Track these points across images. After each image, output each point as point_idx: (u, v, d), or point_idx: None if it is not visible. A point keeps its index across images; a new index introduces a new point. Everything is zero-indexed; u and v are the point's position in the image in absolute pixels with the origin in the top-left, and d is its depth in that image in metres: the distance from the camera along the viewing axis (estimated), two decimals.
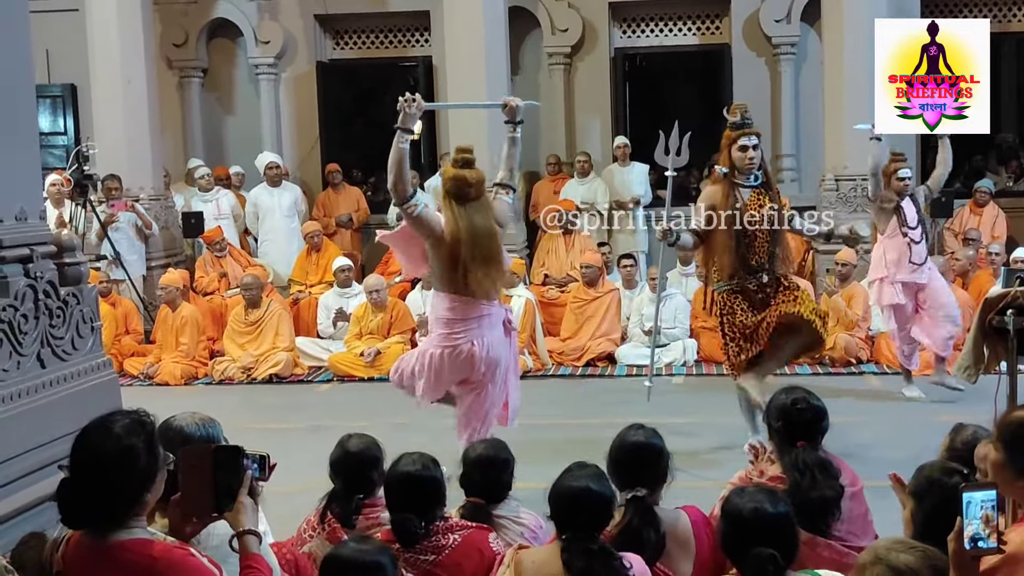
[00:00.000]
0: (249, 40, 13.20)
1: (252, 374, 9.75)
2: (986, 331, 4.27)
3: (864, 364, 9.48)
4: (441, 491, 3.66)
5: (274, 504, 3.07)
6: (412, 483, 3.62)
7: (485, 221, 5.54)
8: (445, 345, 5.65)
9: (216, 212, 11.95)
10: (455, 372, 5.72)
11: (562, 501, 3.33)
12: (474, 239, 5.47)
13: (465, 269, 5.49)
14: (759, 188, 6.52)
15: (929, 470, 3.32)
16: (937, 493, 3.17)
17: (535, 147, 12.97)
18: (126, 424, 2.64)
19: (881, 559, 2.62)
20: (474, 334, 5.58)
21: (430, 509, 3.60)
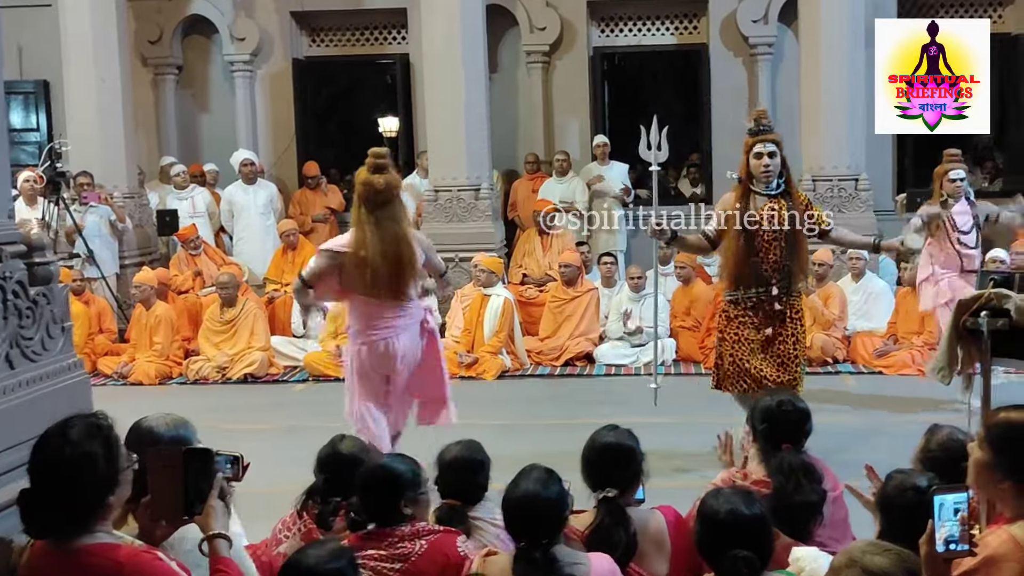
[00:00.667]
0: (224, 37, 13.10)
1: (227, 374, 9.67)
2: (960, 333, 4.27)
3: (840, 364, 9.50)
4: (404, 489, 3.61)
5: (248, 505, 3.03)
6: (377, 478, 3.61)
7: (393, 226, 5.62)
8: (362, 342, 5.77)
9: (191, 210, 11.86)
10: (377, 368, 5.79)
11: (511, 509, 3.33)
12: (382, 243, 5.57)
13: (372, 272, 5.58)
14: (777, 196, 6.31)
15: (897, 480, 3.34)
16: (902, 502, 3.19)
17: (513, 146, 12.96)
18: (83, 429, 2.60)
19: (856, 562, 2.61)
20: (388, 333, 5.70)
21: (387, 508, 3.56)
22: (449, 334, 10.17)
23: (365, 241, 5.60)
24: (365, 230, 5.61)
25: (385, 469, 3.62)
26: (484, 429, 6.79)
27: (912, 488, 3.27)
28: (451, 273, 10.80)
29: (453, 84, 10.91)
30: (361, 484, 3.64)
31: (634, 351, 9.83)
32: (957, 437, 3.90)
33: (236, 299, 10.00)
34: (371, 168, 5.67)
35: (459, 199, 11.08)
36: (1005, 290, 4.05)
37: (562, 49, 12.85)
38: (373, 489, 3.58)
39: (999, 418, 2.92)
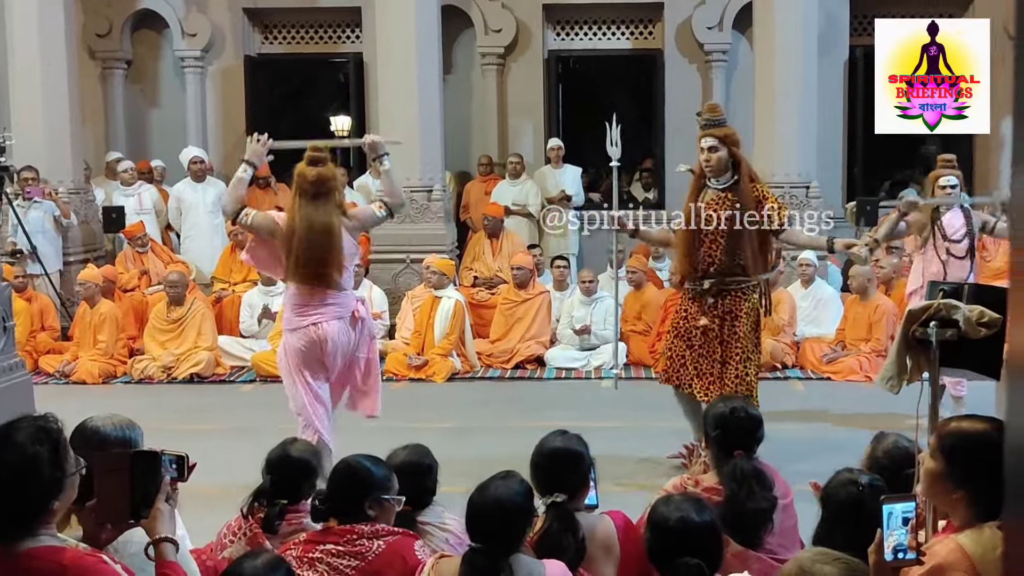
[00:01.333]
0: (175, 32, 12.94)
1: (172, 373, 9.53)
2: (909, 342, 4.29)
3: (789, 369, 9.57)
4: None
5: (193, 508, 2.98)
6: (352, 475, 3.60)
7: (324, 217, 5.80)
8: (290, 328, 5.96)
9: (138, 207, 11.68)
10: (309, 353, 5.91)
11: (478, 511, 3.32)
12: (308, 232, 5.76)
13: (297, 259, 5.80)
14: (726, 191, 6.30)
15: (843, 476, 3.37)
16: (833, 504, 3.21)
17: (467, 147, 12.92)
18: (30, 432, 2.55)
19: (805, 571, 2.62)
20: (315, 319, 5.87)
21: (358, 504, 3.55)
22: (399, 335, 10.12)
23: (293, 227, 5.81)
24: (295, 217, 5.82)
25: (358, 466, 3.59)
26: (433, 432, 6.78)
27: (854, 483, 3.29)
28: (402, 275, 10.79)
29: (407, 84, 10.85)
30: (333, 476, 3.65)
31: (584, 354, 9.83)
32: (902, 444, 3.94)
33: (184, 298, 9.86)
34: (308, 160, 5.89)
35: (411, 200, 11.01)
36: (954, 301, 4.06)
37: (517, 51, 12.85)
38: (342, 483, 3.57)
39: (951, 428, 2.93)
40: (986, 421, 2.94)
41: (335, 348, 5.90)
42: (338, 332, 5.89)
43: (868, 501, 3.26)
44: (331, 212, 5.84)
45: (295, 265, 5.83)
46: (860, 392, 8.55)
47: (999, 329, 4.15)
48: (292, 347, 5.93)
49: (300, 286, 5.89)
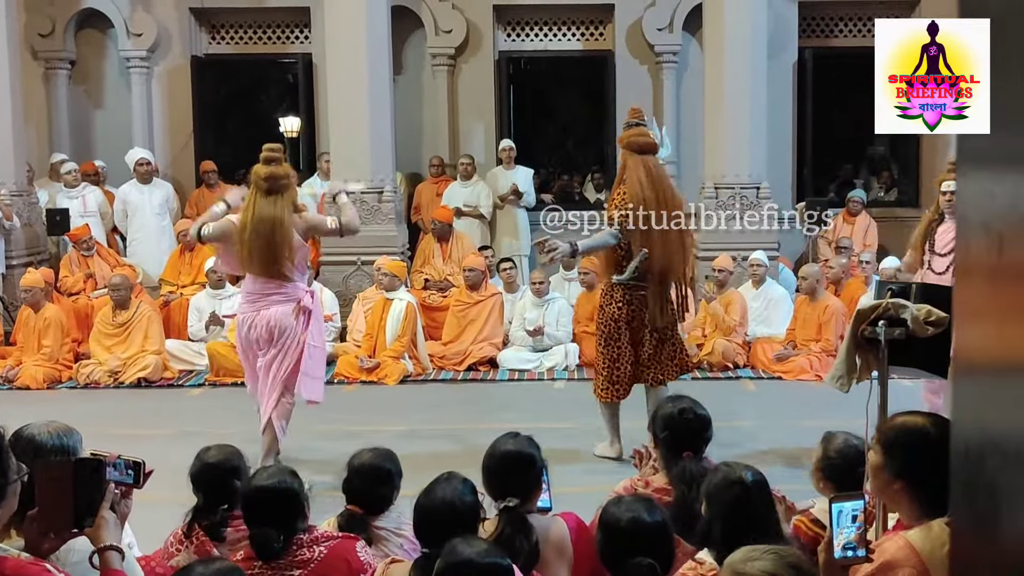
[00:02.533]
0: (120, 32, 12.74)
1: (119, 378, 9.38)
2: (859, 341, 4.33)
3: (741, 369, 9.62)
4: (300, 503, 3.53)
5: (140, 513, 2.92)
6: (269, 497, 3.51)
7: (273, 211, 6.22)
8: (240, 314, 6.50)
9: (82, 209, 11.49)
10: (252, 338, 6.38)
11: (424, 515, 3.32)
12: (256, 225, 6.20)
13: (248, 251, 6.27)
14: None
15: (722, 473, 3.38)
16: (727, 498, 3.22)
17: (418, 148, 12.87)
18: None
19: (738, 572, 2.60)
20: (261, 305, 6.33)
21: (289, 522, 3.47)
22: (350, 338, 10.05)
23: (246, 222, 6.26)
24: (248, 212, 6.27)
25: (279, 488, 3.52)
26: (385, 434, 6.73)
27: (737, 482, 3.29)
28: (352, 277, 10.72)
29: (357, 85, 10.79)
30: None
31: (537, 356, 9.82)
32: (852, 443, 3.98)
33: (129, 301, 9.71)
34: (263, 160, 6.32)
35: (362, 201, 10.95)
36: (902, 300, 4.10)
37: (468, 52, 12.81)
38: (272, 508, 3.49)
39: (892, 422, 3.00)
40: (925, 416, 2.99)
41: (273, 331, 6.31)
42: (278, 315, 6.30)
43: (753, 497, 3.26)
44: (282, 208, 6.23)
45: (247, 256, 6.29)
46: (810, 391, 8.62)
47: (946, 328, 4.21)
48: (237, 334, 6.52)
49: (252, 277, 6.35)
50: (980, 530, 1.39)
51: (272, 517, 3.46)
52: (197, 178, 12.60)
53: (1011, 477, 1.27)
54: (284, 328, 6.31)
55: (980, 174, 1.44)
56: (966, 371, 1.45)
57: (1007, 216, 1.31)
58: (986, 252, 1.36)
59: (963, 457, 1.44)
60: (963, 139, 1.49)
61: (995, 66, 1.41)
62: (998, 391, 1.34)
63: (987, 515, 1.35)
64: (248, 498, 3.56)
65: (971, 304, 1.46)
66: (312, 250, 11.09)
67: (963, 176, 1.57)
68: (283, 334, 6.32)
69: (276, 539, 3.41)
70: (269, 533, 3.42)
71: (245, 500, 3.57)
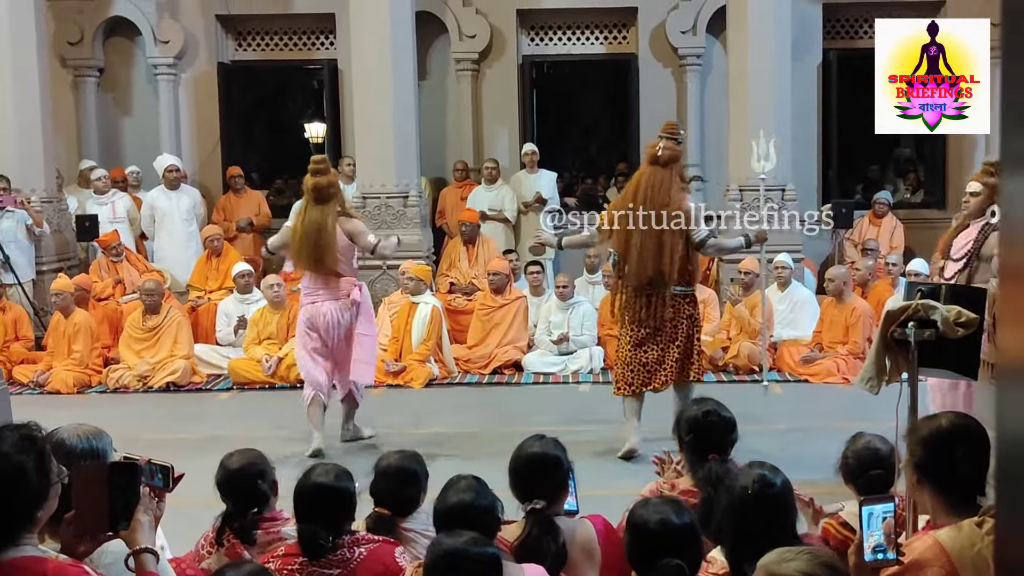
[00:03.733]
0: (148, 39, 12.85)
1: (148, 382, 9.46)
2: (888, 343, 4.31)
3: (766, 372, 9.57)
4: (351, 504, 3.56)
5: (170, 517, 2.95)
6: (323, 494, 3.53)
7: (319, 218, 7.13)
8: (302, 306, 7.41)
9: (111, 215, 11.58)
10: (308, 324, 7.27)
11: (442, 520, 3.35)
12: (306, 228, 7.16)
13: (298, 251, 7.27)
14: None
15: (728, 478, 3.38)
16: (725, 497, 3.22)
17: (442, 153, 12.91)
18: (16, 441, 2.52)
19: (773, 573, 2.59)
20: (316, 299, 7.26)
21: (339, 522, 3.49)
22: (378, 342, 10.07)
23: (297, 227, 7.26)
24: (300, 219, 7.27)
25: (334, 488, 3.54)
26: (411, 438, 6.76)
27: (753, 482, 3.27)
28: (379, 281, 10.75)
29: (382, 91, 10.83)
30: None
31: (562, 359, 9.82)
32: (874, 446, 3.98)
33: (160, 306, 9.79)
34: (311, 172, 7.21)
35: (387, 206, 11.00)
36: (932, 301, 4.08)
37: (491, 57, 12.83)
38: (324, 506, 3.51)
39: (918, 422, 3.10)
40: (954, 416, 3.01)
41: (327, 324, 7.19)
42: (330, 311, 7.19)
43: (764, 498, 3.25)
44: (328, 214, 7.12)
45: (296, 255, 7.34)
46: (837, 394, 8.58)
47: (976, 329, 4.19)
48: (299, 320, 7.42)
49: (307, 274, 7.32)
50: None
51: (323, 515, 3.48)
52: (224, 184, 12.67)
53: None
54: (337, 321, 7.20)
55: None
56: (1011, 374, 1.45)
57: None
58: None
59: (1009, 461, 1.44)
60: (1007, 139, 1.48)
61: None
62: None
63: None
64: (303, 493, 3.56)
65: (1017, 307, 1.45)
66: None
67: (1008, 177, 1.56)
68: (337, 326, 7.21)
69: (325, 538, 3.43)
70: (319, 531, 3.43)
71: (299, 494, 3.57)
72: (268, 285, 9.80)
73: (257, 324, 9.77)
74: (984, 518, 2.84)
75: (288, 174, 13.76)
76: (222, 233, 11.30)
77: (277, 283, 9.79)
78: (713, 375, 9.51)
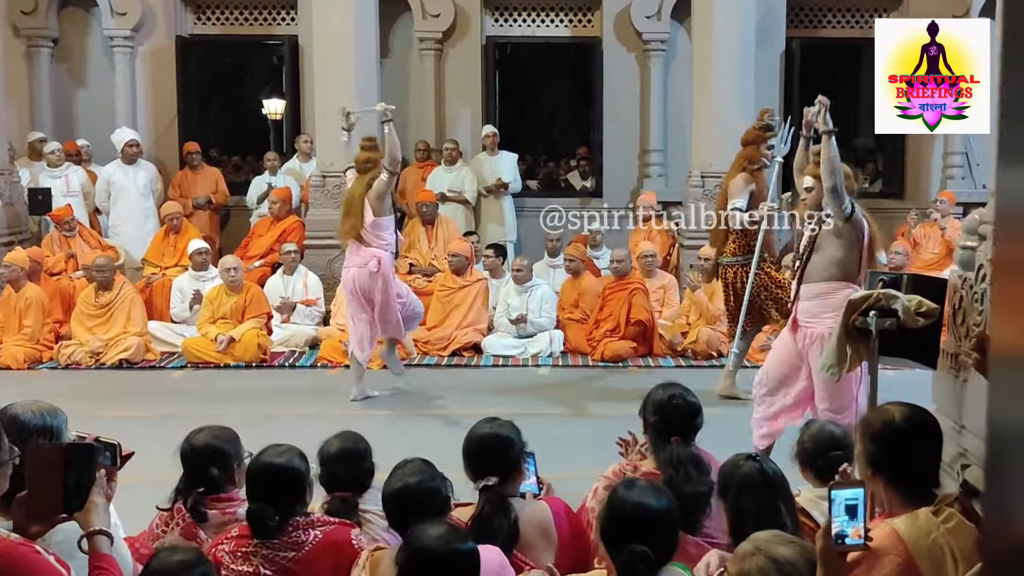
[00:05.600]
0: (104, 10, 12.60)
1: (101, 359, 9.32)
2: (850, 331, 4.35)
3: (725, 357, 9.61)
4: (302, 485, 3.50)
5: (124, 495, 2.90)
6: (274, 474, 3.47)
7: (355, 187, 7.96)
8: (344, 271, 8.14)
9: (65, 189, 11.38)
10: (346, 288, 8.05)
11: (391, 503, 3.36)
12: (346, 198, 8.09)
13: (341, 219, 8.11)
14: None
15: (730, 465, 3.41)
16: (735, 485, 3.25)
17: (403, 133, 12.76)
18: None
19: (761, 550, 2.65)
20: (348, 264, 8.05)
21: (291, 503, 3.44)
22: (334, 322, 10.01)
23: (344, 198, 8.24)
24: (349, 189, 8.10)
25: (285, 467, 3.49)
26: (369, 419, 6.72)
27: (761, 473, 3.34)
28: (337, 261, 10.66)
29: (344, 68, 10.72)
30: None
31: (522, 342, 9.80)
32: (828, 429, 4.04)
33: (112, 282, 9.64)
34: (361, 148, 7.99)
35: (347, 185, 10.89)
36: (893, 291, 4.12)
37: (455, 37, 12.73)
38: (275, 486, 3.46)
39: (871, 412, 3.14)
40: (906, 407, 3.03)
41: (354, 289, 7.92)
42: (357, 276, 7.90)
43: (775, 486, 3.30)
44: (361, 184, 7.89)
45: (340, 222, 8.14)
46: None
47: (937, 318, 4.23)
48: (343, 286, 8.17)
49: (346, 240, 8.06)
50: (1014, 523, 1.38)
51: (273, 495, 3.43)
52: (180, 159, 12.49)
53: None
54: (365, 287, 7.89)
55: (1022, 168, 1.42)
56: (1004, 365, 1.45)
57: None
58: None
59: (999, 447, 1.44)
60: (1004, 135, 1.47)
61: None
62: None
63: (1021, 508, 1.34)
64: (253, 473, 3.52)
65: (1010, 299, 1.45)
66: (297, 233, 11.06)
67: (1002, 173, 1.55)
68: (367, 291, 7.90)
69: (272, 518, 3.38)
70: (266, 511, 3.39)
71: (250, 475, 3.54)
72: (225, 268, 9.68)
73: (212, 304, 9.66)
74: (940, 507, 2.87)
75: (246, 150, 13.61)
76: (182, 211, 11.13)
77: (234, 266, 9.68)
78: (672, 360, 9.55)
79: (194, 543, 3.51)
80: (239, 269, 9.71)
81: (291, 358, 9.64)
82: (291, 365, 9.48)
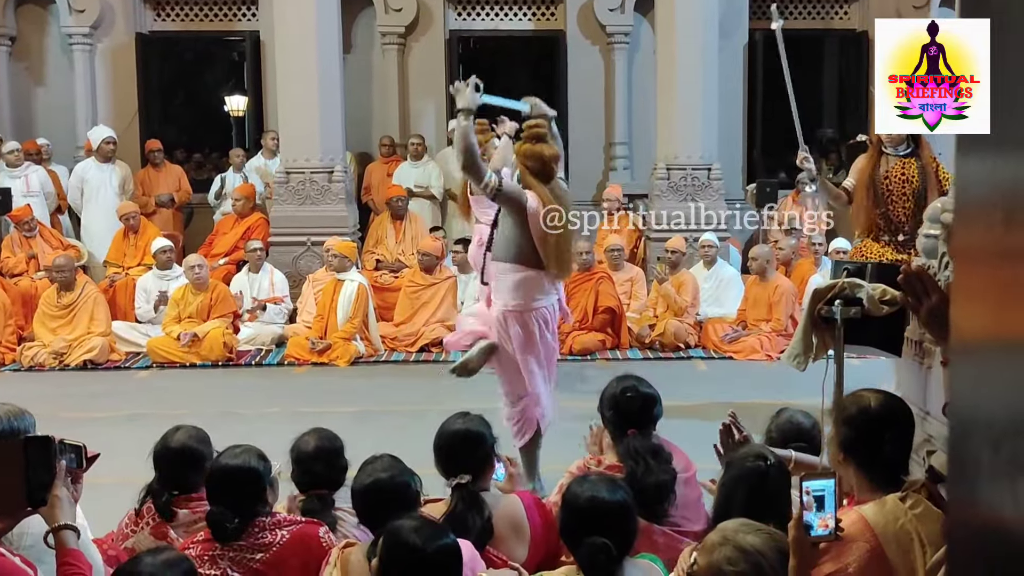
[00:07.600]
0: (63, 8, 12.45)
1: (64, 360, 9.22)
2: (815, 320, 4.37)
3: (692, 349, 9.67)
4: (261, 486, 3.47)
5: (91, 497, 2.87)
6: (232, 476, 3.45)
7: None
8: None
9: (25, 189, 11.21)
10: None
11: (360, 499, 3.38)
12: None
13: None
14: (906, 157, 7.02)
15: (738, 460, 3.43)
16: (744, 481, 3.28)
17: (368, 128, 12.75)
18: None
19: (729, 540, 2.66)
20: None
21: (248, 504, 3.41)
22: (300, 319, 9.97)
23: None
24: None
25: (242, 469, 3.46)
26: (337, 417, 6.68)
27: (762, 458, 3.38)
28: (303, 258, 10.62)
29: (306, 63, 10.65)
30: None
31: None
32: (796, 420, 4.07)
33: (74, 283, 9.54)
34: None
35: (312, 181, 10.85)
36: (858, 280, 4.14)
37: (418, 31, 12.70)
38: (233, 488, 3.43)
39: (842, 400, 3.15)
40: (877, 393, 3.06)
41: None
42: None
43: (772, 478, 3.33)
44: None
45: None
46: (761, 371, 8.68)
47: (901, 307, 4.25)
48: None
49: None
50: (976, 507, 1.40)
51: (232, 498, 3.40)
52: (143, 158, 12.37)
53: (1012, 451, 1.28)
54: None
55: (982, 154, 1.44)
56: (963, 351, 1.46)
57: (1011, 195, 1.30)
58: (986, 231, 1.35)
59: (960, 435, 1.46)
60: None
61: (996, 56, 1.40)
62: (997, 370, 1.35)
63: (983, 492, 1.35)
64: (210, 477, 3.50)
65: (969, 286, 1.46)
66: (261, 229, 10.99)
67: (961, 159, 1.57)
68: None
69: (231, 520, 3.35)
70: (225, 514, 3.36)
71: (208, 479, 3.51)
72: (190, 266, 9.61)
73: (178, 304, 9.58)
74: (908, 493, 2.89)
75: (208, 148, 13.49)
76: (138, 210, 11.01)
77: (199, 264, 9.60)
78: (639, 352, 9.58)
79: (164, 542, 3.49)
80: (204, 267, 9.64)
81: (257, 356, 9.59)
82: (258, 363, 9.43)
